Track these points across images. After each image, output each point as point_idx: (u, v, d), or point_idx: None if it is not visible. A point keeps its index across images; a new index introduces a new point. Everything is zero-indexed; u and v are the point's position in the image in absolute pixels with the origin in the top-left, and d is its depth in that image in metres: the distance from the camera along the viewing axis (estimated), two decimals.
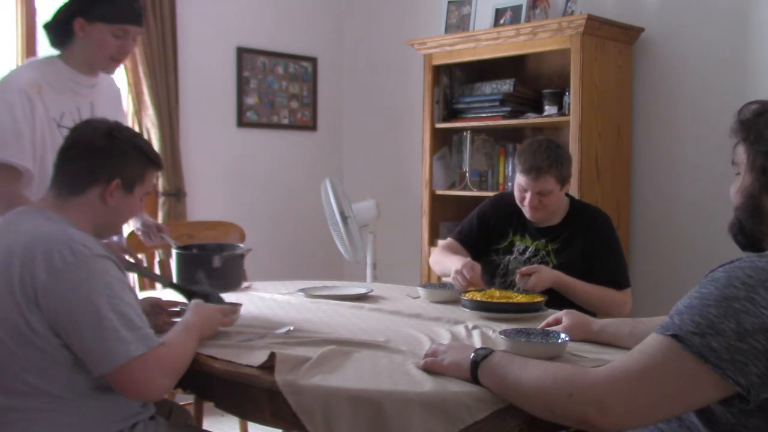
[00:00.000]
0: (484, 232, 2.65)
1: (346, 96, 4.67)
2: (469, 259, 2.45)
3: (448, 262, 2.54)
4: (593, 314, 2.48)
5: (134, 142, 1.72)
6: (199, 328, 1.68)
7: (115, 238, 2.18)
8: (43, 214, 1.61)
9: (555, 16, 3.46)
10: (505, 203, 2.63)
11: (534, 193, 2.44)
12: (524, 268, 2.34)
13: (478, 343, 1.73)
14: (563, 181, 2.46)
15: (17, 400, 1.50)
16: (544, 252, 2.51)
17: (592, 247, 2.47)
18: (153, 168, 1.75)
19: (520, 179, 2.48)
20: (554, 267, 2.43)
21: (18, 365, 1.49)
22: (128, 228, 2.53)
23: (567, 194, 2.59)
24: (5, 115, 2.11)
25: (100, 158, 1.65)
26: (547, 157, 2.42)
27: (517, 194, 2.52)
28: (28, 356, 1.49)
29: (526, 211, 2.51)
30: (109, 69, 2.35)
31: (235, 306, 1.91)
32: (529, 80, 3.70)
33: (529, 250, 2.54)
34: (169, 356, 1.53)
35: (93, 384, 1.53)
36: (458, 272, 2.34)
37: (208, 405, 2.48)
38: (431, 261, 2.81)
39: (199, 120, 3.96)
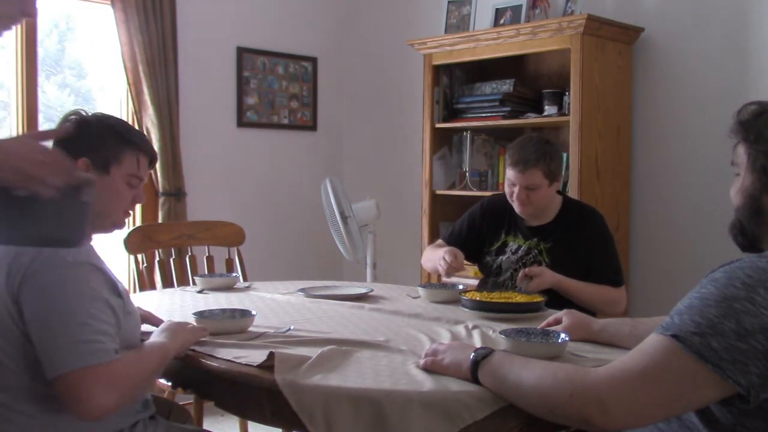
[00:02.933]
0: (474, 235, 2.69)
1: (346, 96, 4.67)
2: (452, 247, 2.57)
3: (434, 255, 2.61)
4: (593, 314, 2.49)
5: (107, 122, 1.69)
6: (163, 348, 1.62)
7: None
8: None
9: (555, 16, 3.46)
10: (496, 205, 2.67)
11: (522, 187, 2.47)
12: (527, 270, 2.34)
13: (478, 343, 1.73)
14: (551, 176, 2.47)
15: (15, 400, 1.50)
16: (536, 251, 2.52)
17: (586, 246, 2.47)
18: (131, 148, 1.69)
19: (508, 173, 2.51)
20: (547, 266, 2.44)
21: (14, 365, 1.49)
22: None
23: (560, 193, 2.61)
24: None
25: (68, 141, 1.61)
26: (535, 151, 2.45)
27: (506, 189, 2.55)
28: (21, 356, 1.48)
29: (516, 206, 2.53)
30: None
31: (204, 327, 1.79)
32: (529, 80, 3.70)
33: (522, 249, 2.55)
34: (116, 374, 1.43)
35: None
36: (441, 257, 2.47)
37: (208, 405, 2.48)
38: (422, 260, 2.85)
39: (199, 120, 3.96)
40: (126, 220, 1.78)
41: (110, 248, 3.04)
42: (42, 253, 1.47)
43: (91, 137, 1.65)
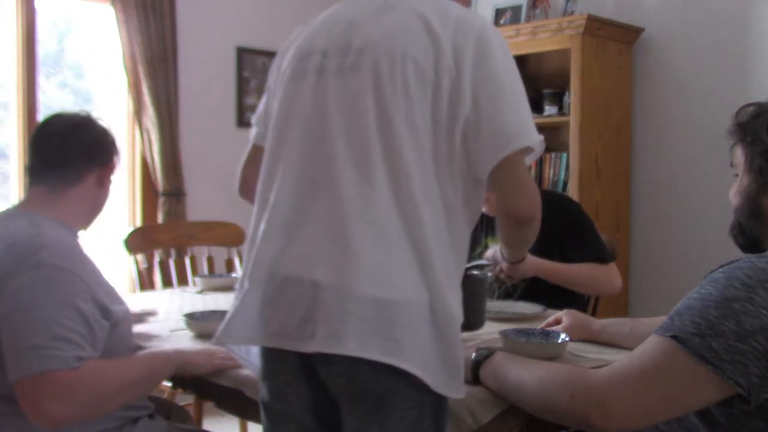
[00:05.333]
0: None
1: None
2: None
3: None
4: (584, 297, 2.48)
5: (105, 128, 1.74)
6: (159, 357, 1.61)
7: None
8: (28, 217, 1.57)
9: (555, 16, 3.46)
10: None
11: None
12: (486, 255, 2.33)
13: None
14: None
15: (9, 399, 1.49)
16: None
17: (561, 235, 2.42)
18: (116, 152, 1.76)
19: None
20: None
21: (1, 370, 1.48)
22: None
23: None
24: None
25: (96, 144, 1.68)
26: None
27: None
28: None
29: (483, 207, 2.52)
30: None
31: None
32: (529, 80, 3.70)
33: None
34: (71, 384, 1.39)
35: None
36: None
37: (208, 405, 2.48)
38: None
39: (199, 120, 3.95)
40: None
41: (110, 248, 3.05)
42: (23, 254, 1.46)
43: (111, 142, 1.71)
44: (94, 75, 3.83)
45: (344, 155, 1.23)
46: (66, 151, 1.66)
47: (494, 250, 2.24)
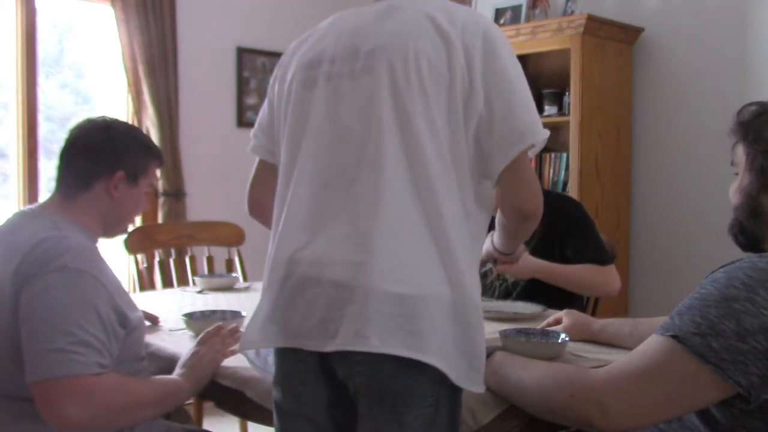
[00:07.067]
0: None
1: None
2: None
3: None
4: (584, 297, 2.47)
5: (134, 134, 1.71)
6: (174, 385, 1.59)
7: None
8: (50, 219, 1.58)
9: (555, 16, 3.46)
10: None
11: None
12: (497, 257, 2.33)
13: None
14: None
15: (18, 400, 1.49)
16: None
17: (563, 235, 2.41)
18: (155, 160, 1.73)
19: None
20: None
21: (17, 369, 1.48)
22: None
23: None
24: None
25: (102, 151, 1.64)
26: None
27: None
28: (8, 355, 1.47)
29: None
30: None
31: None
32: (529, 80, 3.66)
33: None
34: (91, 390, 1.40)
35: None
36: None
37: (208, 405, 2.48)
38: None
39: (199, 120, 3.95)
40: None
41: (110, 248, 3.04)
42: (47, 255, 1.46)
43: (125, 149, 1.66)
44: (94, 75, 3.83)
45: (360, 156, 1.24)
46: (73, 157, 1.65)
47: (486, 245, 2.23)
